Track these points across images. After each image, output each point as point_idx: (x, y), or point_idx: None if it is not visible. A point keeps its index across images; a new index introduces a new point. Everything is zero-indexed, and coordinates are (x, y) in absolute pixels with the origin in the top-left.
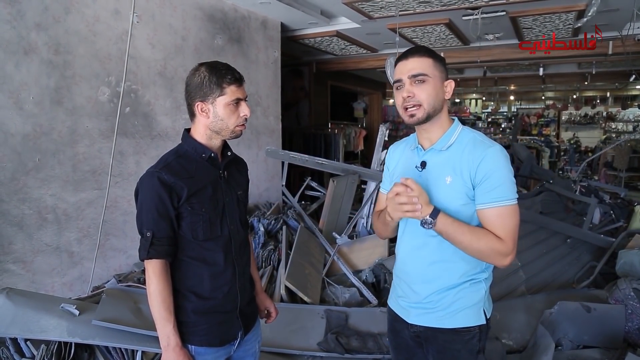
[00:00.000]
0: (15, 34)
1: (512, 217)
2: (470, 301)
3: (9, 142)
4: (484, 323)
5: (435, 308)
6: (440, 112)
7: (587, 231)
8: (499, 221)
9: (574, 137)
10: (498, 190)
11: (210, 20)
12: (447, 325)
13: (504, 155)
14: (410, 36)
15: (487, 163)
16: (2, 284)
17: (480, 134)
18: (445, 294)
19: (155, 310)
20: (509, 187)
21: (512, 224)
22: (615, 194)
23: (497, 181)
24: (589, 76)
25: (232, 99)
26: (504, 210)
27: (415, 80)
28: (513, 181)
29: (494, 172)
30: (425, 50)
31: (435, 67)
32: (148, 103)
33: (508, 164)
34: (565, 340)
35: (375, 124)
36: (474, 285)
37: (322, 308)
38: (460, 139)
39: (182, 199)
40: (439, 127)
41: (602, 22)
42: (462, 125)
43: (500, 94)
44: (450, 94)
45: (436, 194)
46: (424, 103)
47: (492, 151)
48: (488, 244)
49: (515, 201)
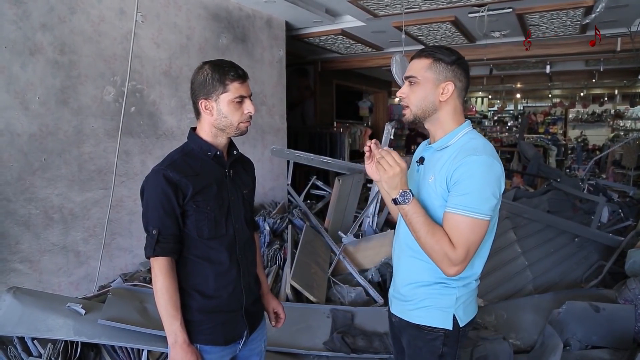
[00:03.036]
0: (21, 34)
1: (470, 230)
2: (438, 303)
3: (15, 142)
4: (449, 328)
5: (408, 301)
6: (436, 113)
7: (596, 230)
8: (454, 229)
9: (582, 135)
10: (464, 198)
11: (214, 20)
12: (413, 320)
13: (484, 166)
14: (416, 34)
15: (462, 170)
16: (9, 284)
17: (479, 142)
18: (418, 290)
19: (162, 308)
20: (477, 199)
21: (468, 237)
22: (624, 193)
23: (466, 189)
24: (597, 73)
25: (236, 95)
26: (463, 220)
27: (408, 82)
28: (486, 196)
29: (465, 180)
30: (428, 52)
31: (429, 70)
32: (153, 102)
33: (486, 176)
34: (573, 341)
35: (380, 122)
36: (445, 288)
37: (327, 307)
38: (458, 143)
39: (188, 196)
40: (439, 128)
41: (610, 18)
42: (469, 129)
43: (506, 92)
44: (448, 96)
45: (422, 191)
46: (411, 105)
47: (471, 160)
48: (440, 243)
49: (480, 216)
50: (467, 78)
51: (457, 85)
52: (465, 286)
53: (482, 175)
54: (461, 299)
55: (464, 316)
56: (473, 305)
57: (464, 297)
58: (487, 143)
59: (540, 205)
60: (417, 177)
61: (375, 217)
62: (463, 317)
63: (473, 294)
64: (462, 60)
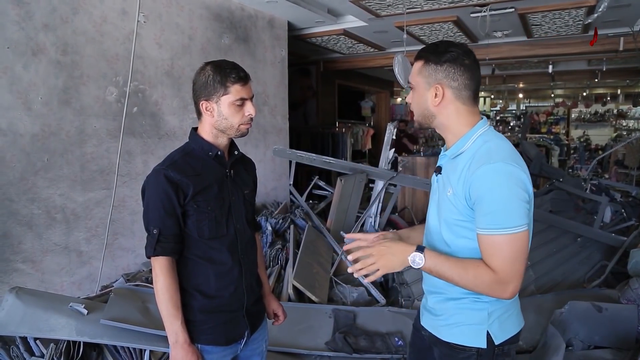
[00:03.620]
0: (24, 34)
1: (508, 247)
2: (469, 319)
3: (17, 142)
4: (483, 347)
5: (439, 316)
6: (437, 119)
7: (598, 230)
8: (490, 250)
9: (584, 135)
10: (491, 217)
11: (217, 20)
12: (443, 337)
13: (502, 175)
14: (418, 34)
15: (478, 184)
16: (11, 283)
17: (492, 145)
18: (447, 304)
19: (162, 307)
20: (506, 214)
21: (509, 254)
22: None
23: (489, 206)
24: (599, 73)
25: (236, 98)
26: (497, 239)
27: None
28: (513, 207)
29: (485, 196)
30: (420, 53)
31: (420, 73)
32: (155, 103)
33: (508, 185)
34: (576, 341)
35: (383, 122)
36: (475, 303)
37: (329, 307)
38: (471, 148)
39: (188, 196)
40: (448, 132)
41: (613, 18)
42: (484, 129)
43: (508, 92)
44: (440, 100)
45: (442, 205)
46: (414, 111)
47: (483, 171)
48: (480, 278)
49: (515, 229)
50: (468, 75)
51: (452, 86)
52: (499, 300)
53: (499, 185)
54: (495, 313)
55: (500, 333)
56: (512, 320)
57: (498, 312)
58: (501, 145)
59: (543, 205)
60: (437, 188)
61: (377, 217)
62: (499, 334)
63: (511, 308)
64: (456, 55)
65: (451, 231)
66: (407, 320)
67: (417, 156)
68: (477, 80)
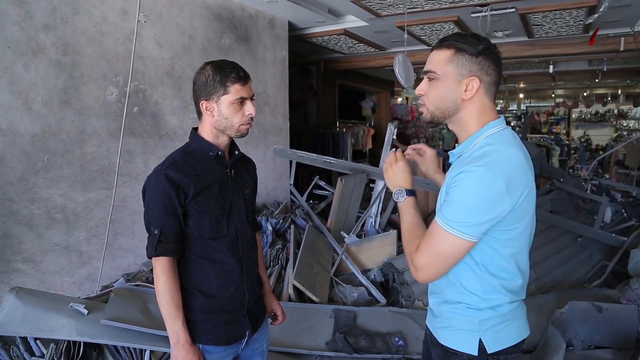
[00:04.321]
0: (24, 34)
1: (439, 240)
2: (462, 324)
3: (18, 142)
4: (474, 354)
5: (437, 318)
6: (458, 114)
7: (599, 230)
8: (427, 234)
9: (585, 135)
10: (444, 206)
11: (217, 20)
12: (439, 339)
13: (479, 180)
14: (419, 34)
15: (456, 179)
16: (12, 284)
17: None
18: (443, 307)
19: (163, 308)
20: (458, 213)
21: (434, 245)
22: (627, 193)
23: (450, 198)
24: (600, 73)
25: (236, 97)
26: (437, 229)
27: (427, 77)
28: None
29: (454, 190)
30: (450, 41)
31: (450, 62)
32: (156, 103)
33: (478, 190)
34: (576, 341)
35: (383, 122)
36: (467, 309)
37: (330, 307)
38: (472, 150)
39: (189, 196)
40: (461, 129)
41: (613, 18)
42: (493, 131)
43: (509, 92)
44: (473, 93)
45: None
46: (428, 103)
47: (467, 169)
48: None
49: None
50: (498, 70)
51: (484, 80)
52: (493, 309)
53: (472, 189)
54: (488, 322)
55: (493, 342)
56: (511, 330)
57: (492, 321)
58: (503, 152)
59: (543, 205)
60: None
61: (377, 217)
62: (492, 344)
63: (509, 318)
64: (491, 49)
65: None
66: (407, 320)
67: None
68: (501, 76)
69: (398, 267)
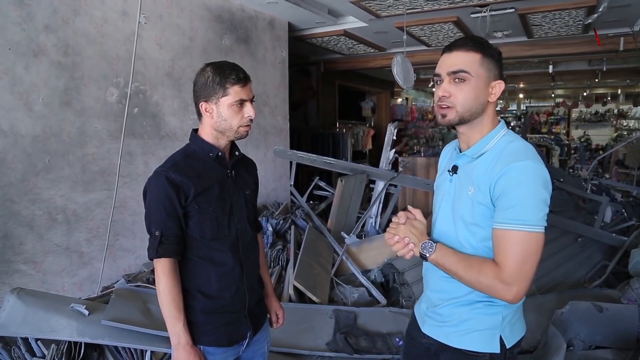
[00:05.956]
0: (25, 36)
1: (521, 244)
2: (482, 324)
3: (19, 143)
4: (497, 352)
5: (447, 322)
6: (481, 116)
7: (599, 230)
8: (502, 245)
9: (585, 135)
10: (512, 210)
11: (217, 21)
12: (455, 344)
13: (531, 172)
14: (418, 34)
15: (507, 179)
16: (13, 284)
17: (521, 144)
18: (459, 309)
19: (165, 309)
20: (526, 210)
21: (520, 252)
22: (627, 192)
23: (514, 200)
24: (600, 73)
25: (236, 99)
26: (515, 235)
27: (454, 78)
28: (537, 205)
29: (512, 190)
30: (474, 43)
31: (482, 65)
32: (156, 104)
33: (535, 183)
34: (577, 341)
35: (383, 123)
36: (489, 307)
37: (330, 308)
38: (495, 148)
39: (190, 197)
40: (477, 131)
41: (613, 18)
42: (505, 130)
43: (509, 92)
44: (497, 96)
45: (458, 204)
46: (458, 105)
47: (515, 167)
48: (482, 272)
49: (533, 228)
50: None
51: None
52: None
53: (529, 183)
54: (507, 317)
55: (510, 336)
56: (520, 323)
57: (510, 316)
58: (528, 145)
59: None
60: (451, 189)
61: (378, 218)
62: (510, 338)
63: (518, 311)
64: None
65: (469, 231)
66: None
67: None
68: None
69: (398, 267)
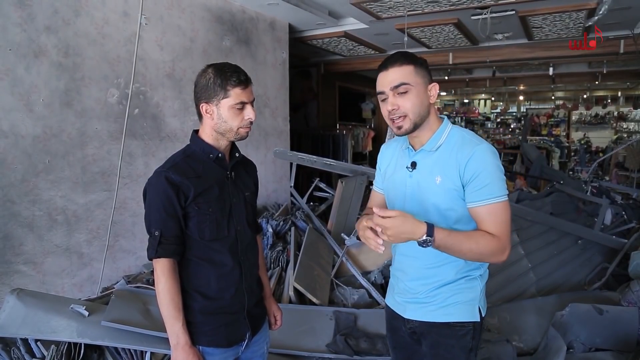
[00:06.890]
0: (26, 36)
1: (503, 213)
2: (464, 297)
3: (19, 144)
4: (477, 320)
5: (430, 303)
6: (428, 116)
7: (599, 232)
8: (491, 218)
9: (585, 137)
10: (488, 188)
11: (218, 22)
12: (441, 319)
13: (491, 153)
14: (419, 36)
15: (475, 161)
16: (13, 285)
17: (469, 133)
18: (441, 289)
19: (164, 309)
20: (498, 184)
21: (504, 220)
22: (627, 195)
23: (486, 179)
24: (600, 75)
25: (236, 101)
26: (495, 207)
27: (398, 92)
28: (502, 178)
29: (483, 171)
30: (404, 57)
31: (416, 74)
32: (157, 105)
33: (496, 161)
34: (577, 343)
35: (383, 124)
36: (469, 281)
37: (330, 309)
38: (449, 139)
39: (189, 198)
40: (428, 130)
41: (613, 20)
42: (451, 125)
43: (509, 94)
44: (435, 97)
45: (427, 194)
46: (409, 113)
47: (479, 149)
48: (486, 245)
49: (505, 197)
50: None
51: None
52: (482, 276)
53: (492, 162)
54: (483, 289)
55: (483, 307)
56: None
57: (484, 288)
58: (472, 133)
59: (544, 207)
60: (413, 182)
61: None
62: (483, 308)
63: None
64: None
65: (443, 216)
66: None
67: None
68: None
69: None
